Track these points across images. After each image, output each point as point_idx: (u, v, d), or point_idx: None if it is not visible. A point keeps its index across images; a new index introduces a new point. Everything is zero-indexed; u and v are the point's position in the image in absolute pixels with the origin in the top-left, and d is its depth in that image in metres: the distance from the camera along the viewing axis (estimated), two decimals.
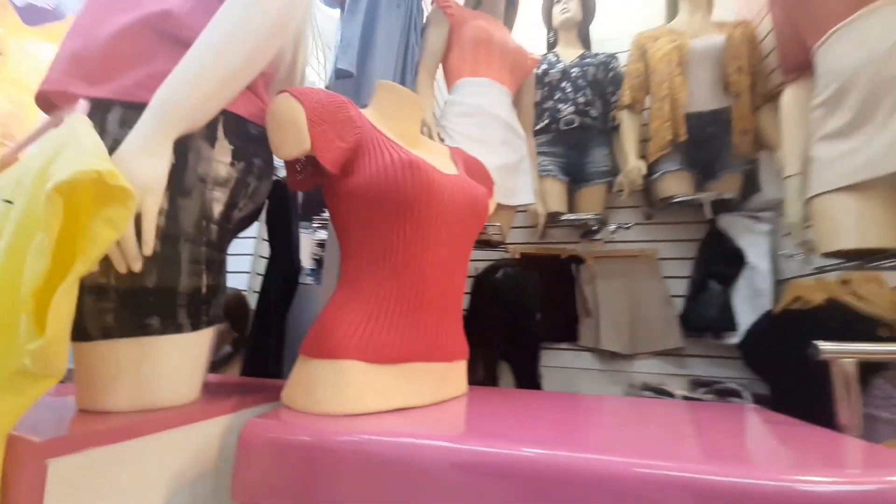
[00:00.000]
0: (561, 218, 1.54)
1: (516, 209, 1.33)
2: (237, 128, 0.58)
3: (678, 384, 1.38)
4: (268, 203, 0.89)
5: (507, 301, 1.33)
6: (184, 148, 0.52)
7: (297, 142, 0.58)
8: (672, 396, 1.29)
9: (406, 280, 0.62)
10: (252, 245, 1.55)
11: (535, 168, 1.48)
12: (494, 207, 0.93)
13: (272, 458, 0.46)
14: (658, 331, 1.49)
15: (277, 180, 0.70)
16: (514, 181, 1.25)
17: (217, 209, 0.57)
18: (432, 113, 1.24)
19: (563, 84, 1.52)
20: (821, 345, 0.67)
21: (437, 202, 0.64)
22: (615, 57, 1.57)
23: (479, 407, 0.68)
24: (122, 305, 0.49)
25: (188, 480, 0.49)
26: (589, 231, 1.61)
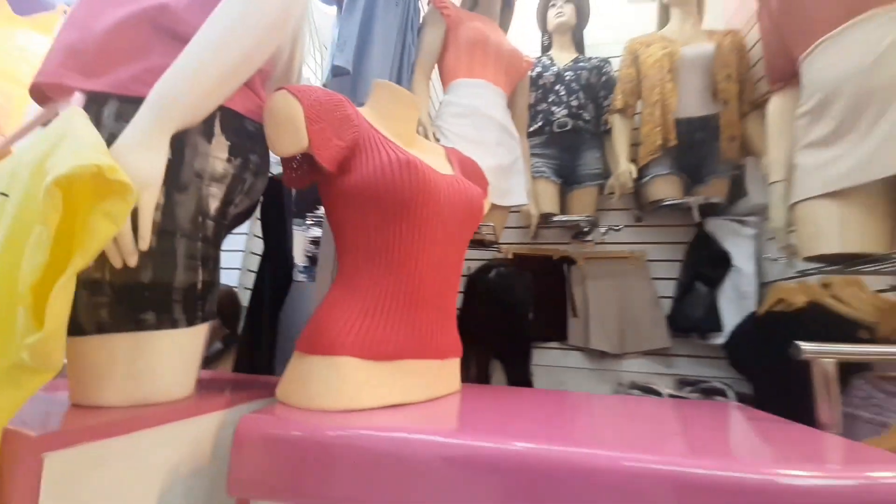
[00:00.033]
0: (553, 219, 1.56)
1: (510, 209, 1.34)
2: (234, 124, 0.58)
3: (665, 383, 1.41)
4: (262, 199, 0.89)
5: (500, 300, 1.34)
6: (181, 143, 0.52)
7: (295, 139, 0.58)
8: (659, 395, 1.31)
9: (401, 278, 0.63)
10: (243, 241, 1.53)
11: (529, 169, 1.50)
12: (488, 208, 0.94)
13: (267, 453, 0.47)
14: (646, 331, 1.51)
15: (272, 177, 0.70)
16: (508, 182, 1.26)
17: (213, 205, 0.57)
18: (427, 113, 1.24)
19: (557, 87, 1.54)
20: (802, 345, 0.69)
21: (434, 202, 0.64)
22: (608, 61, 1.59)
23: (472, 403, 0.68)
24: (117, 300, 0.48)
25: (183, 475, 0.49)
26: (580, 232, 1.64)
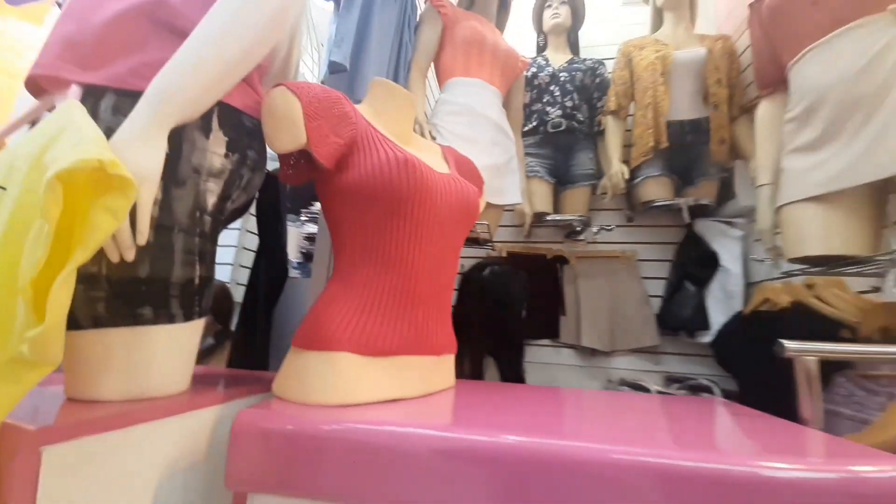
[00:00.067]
0: (546, 218, 1.57)
1: (504, 208, 1.36)
2: (232, 119, 0.58)
3: (653, 380, 1.44)
4: (257, 195, 0.89)
5: (494, 298, 1.35)
6: (178, 138, 0.52)
7: (293, 136, 0.58)
8: (647, 391, 1.34)
9: (398, 275, 0.63)
10: (236, 237, 1.52)
11: (523, 169, 1.51)
12: (483, 206, 0.94)
13: (265, 448, 0.47)
14: (636, 329, 1.54)
15: (267, 173, 0.70)
16: (503, 181, 1.28)
17: (211, 200, 0.57)
18: (423, 111, 1.25)
19: (552, 87, 1.55)
20: (786, 343, 0.72)
21: (430, 200, 0.65)
22: (602, 63, 1.61)
23: (466, 398, 0.70)
24: (115, 295, 0.48)
25: (180, 469, 0.50)
26: (573, 231, 1.66)
